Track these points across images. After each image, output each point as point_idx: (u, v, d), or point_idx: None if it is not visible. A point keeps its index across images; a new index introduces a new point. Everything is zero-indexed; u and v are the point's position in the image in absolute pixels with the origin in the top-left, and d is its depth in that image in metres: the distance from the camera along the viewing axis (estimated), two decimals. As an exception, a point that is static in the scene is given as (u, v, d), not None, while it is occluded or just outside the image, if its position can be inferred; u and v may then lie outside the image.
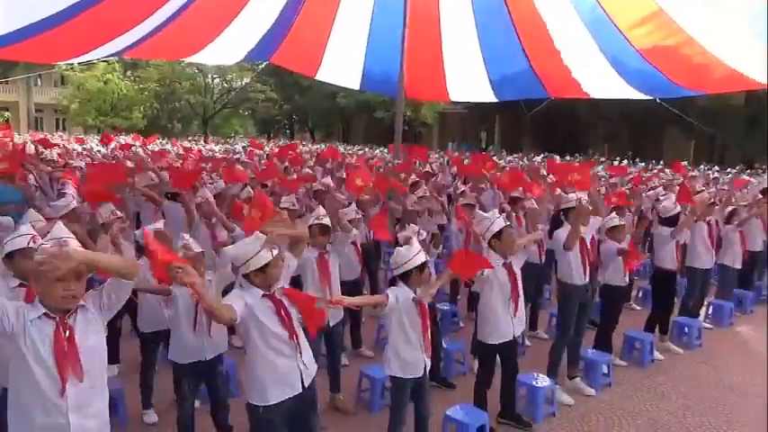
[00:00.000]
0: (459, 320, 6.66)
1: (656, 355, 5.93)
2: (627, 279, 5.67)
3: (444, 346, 5.11)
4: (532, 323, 6.38)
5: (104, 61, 31.64)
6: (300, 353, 2.94)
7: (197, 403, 3.88)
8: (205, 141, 28.43)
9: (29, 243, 3.07)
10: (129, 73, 37.20)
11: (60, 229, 2.35)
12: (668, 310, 6.30)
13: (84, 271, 2.27)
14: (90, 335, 2.30)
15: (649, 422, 4.59)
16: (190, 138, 32.60)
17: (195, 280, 2.51)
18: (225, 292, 3.25)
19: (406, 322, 3.49)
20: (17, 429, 2.22)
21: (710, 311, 7.33)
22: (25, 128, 33.85)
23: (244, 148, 18.29)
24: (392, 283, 3.59)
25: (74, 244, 2.33)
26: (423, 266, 3.51)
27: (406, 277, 3.49)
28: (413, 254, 3.48)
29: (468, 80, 12.43)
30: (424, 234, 4.75)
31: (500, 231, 4.12)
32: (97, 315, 2.36)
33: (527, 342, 6.01)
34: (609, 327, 5.66)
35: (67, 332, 2.23)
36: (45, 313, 2.22)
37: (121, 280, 2.36)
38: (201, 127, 40.56)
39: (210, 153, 15.84)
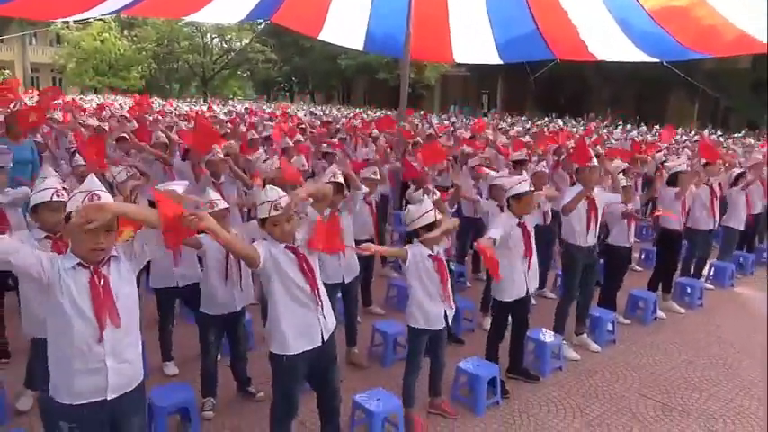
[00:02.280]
0: (465, 280, 6.78)
1: (659, 313, 6.08)
2: (631, 240, 5.76)
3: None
4: (540, 282, 6.48)
5: (100, 20, 31.12)
6: (321, 306, 3.03)
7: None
8: (205, 102, 28.10)
9: (53, 196, 3.11)
10: (125, 32, 36.56)
11: (92, 182, 2.37)
12: (672, 270, 6.42)
13: (113, 224, 2.30)
14: (123, 283, 2.35)
15: (652, 376, 4.75)
16: (188, 99, 32.28)
17: (210, 224, 2.49)
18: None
19: (424, 277, 3.61)
20: (58, 377, 2.29)
21: (712, 272, 7.47)
22: (22, 88, 33.44)
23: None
24: (408, 240, 3.68)
25: (105, 196, 2.36)
26: (433, 225, 3.59)
27: (418, 234, 3.61)
28: (424, 211, 3.59)
29: (473, 41, 12.24)
30: (438, 194, 4.84)
31: (520, 195, 4.20)
32: (129, 265, 2.41)
33: (533, 301, 6.12)
34: (613, 286, 5.79)
35: (102, 280, 2.28)
36: (79, 263, 2.27)
37: (151, 231, 2.39)
38: (200, 88, 40.11)
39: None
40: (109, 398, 2.31)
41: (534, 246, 4.35)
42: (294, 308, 2.95)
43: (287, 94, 48.72)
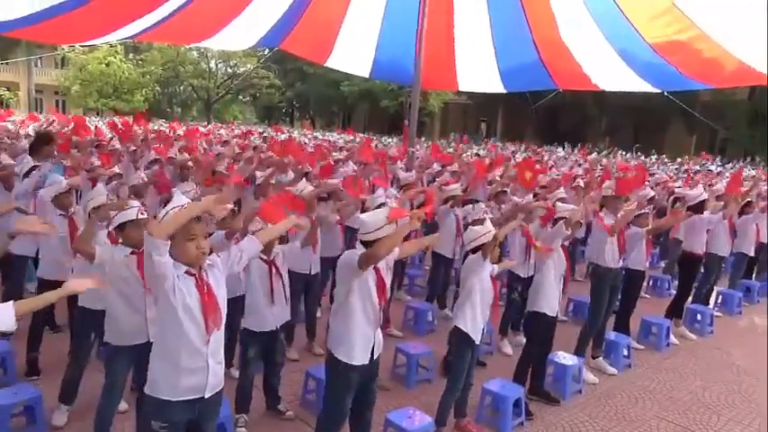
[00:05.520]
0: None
1: (672, 339, 6.16)
2: (647, 264, 5.87)
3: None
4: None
5: (107, 43, 31.57)
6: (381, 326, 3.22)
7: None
8: (209, 124, 28.23)
9: (137, 214, 3.31)
10: (131, 55, 37.01)
11: (180, 197, 2.51)
12: (686, 295, 6.52)
13: (206, 230, 2.53)
14: (219, 289, 2.56)
15: (670, 399, 4.83)
16: (192, 122, 32.50)
17: None
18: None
19: (486, 290, 3.81)
20: (163, 374, 2.46)
21: (720, 300, 7.57)
22: (25, 109, 33.69)
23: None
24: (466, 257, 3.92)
25: None
26: (496, 240, 3.79)
27: (479, 250, 3.81)
28: (487, 230, 3.82)
29: (477, 70, 12.48)
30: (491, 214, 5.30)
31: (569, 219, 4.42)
32: (223, 271, 2.62)
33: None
34: (628, 310, 5.87)
35: (206, 287, 2.49)
36: (186, 271, 2.45)
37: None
38: (203, 112, 40.48)
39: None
40: (206, 396, 2.49)
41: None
42: (364, 321, 3.11)
43: (288, 119, 49.16)
